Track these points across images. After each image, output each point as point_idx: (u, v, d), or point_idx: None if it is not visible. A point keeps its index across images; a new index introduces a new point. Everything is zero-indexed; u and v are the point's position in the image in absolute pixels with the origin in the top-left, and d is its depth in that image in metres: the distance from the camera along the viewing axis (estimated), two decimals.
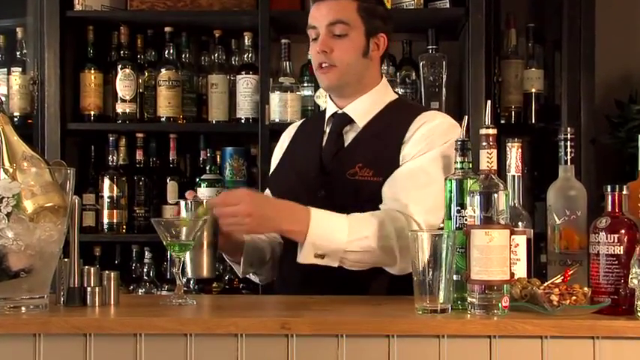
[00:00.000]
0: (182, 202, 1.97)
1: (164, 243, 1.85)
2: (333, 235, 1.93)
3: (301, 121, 2.40)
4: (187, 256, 1.94)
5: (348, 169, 2.09)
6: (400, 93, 3.14)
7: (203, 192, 3.20)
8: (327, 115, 2.23)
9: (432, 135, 2.08)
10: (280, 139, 2.35)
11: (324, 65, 2.13)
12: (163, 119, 3.25)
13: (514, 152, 1.88)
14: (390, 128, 2.13)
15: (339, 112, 2.20)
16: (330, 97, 2.23)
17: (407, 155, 2.08)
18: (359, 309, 1.80)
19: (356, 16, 2.12)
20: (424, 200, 2.00)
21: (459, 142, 1.80)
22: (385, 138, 2.12)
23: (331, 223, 1.95)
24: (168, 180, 3.28)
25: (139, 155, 3.32)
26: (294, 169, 2.21)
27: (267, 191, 2.26)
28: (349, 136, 2.17)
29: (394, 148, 2.10)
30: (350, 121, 2.17)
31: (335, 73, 2.13)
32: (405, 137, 2.10)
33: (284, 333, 1.60)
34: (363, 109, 2.17)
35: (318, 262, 1.95)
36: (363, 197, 2.06)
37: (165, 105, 3.24)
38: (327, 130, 2.21)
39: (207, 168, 3.24)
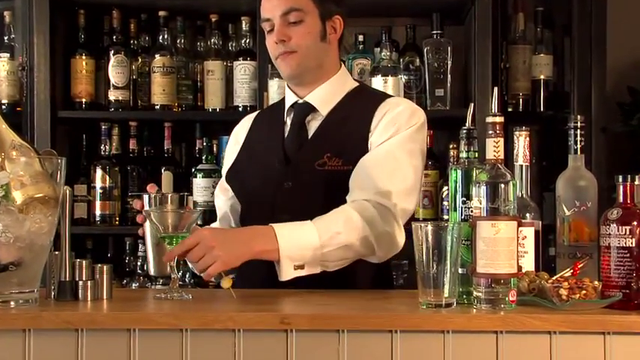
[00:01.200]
0: (145, 196, 1.97)
1: (158, 235, 1.85)
2: (306, 241, 1.93)
3: (254, 114, 2.39)
4: (150, 253, 1.97)
5: (316, 160, 2.11)
6: (404, 80, 3.15)
7: (199, 182, 3.20)
8: (287, 105, 2.24)
9: (398, 122, 2.12)
10: (233, 134, 2.36)
11: (279, 53, 2.15)
12: (157, 107, 3.25)
13: (522, 141, 1.88)
14: (355, 116, 2.16)
15: (300, 101, 2.22)
16: (289, 87, 2.25)
17: (374, 143, 2.11)
18: (360, 303, 1.81)
19: (307, 1, 2.14)
20: (394, 185, 2.03)
21: (464, 131, 1.80)
22: (351, 126, 2.15)
23: (299, 232, 1.94)
24: (162, 170, 3.28)
25: (133, 144, 3.32)
26: (255, 161, 2.22)
27: (224, 184, 2.27)
28: (312, 126, 2.19)
29: (361, 135, 2.12)
30: (312, 109, 2.20)
31: (295, 59, 2.15)
32: (372, 125, 2.14)
33: (283, 328, 1.60)
34: (325, 97, 2.20)
35: (300, 273, 1.95)
36: (333, 187, 2.08)
37: (160, 92, 3.24)
38: (288, 120, 2.23)
39: (204, 158, 3.24)
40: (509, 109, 3.19)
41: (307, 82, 2.20)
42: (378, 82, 3.07)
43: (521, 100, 3.23)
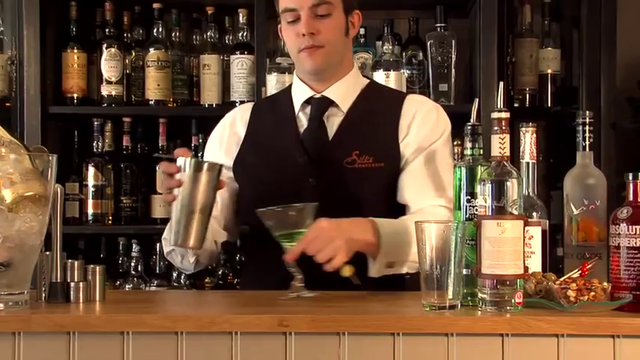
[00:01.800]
0: (181, 160, 1.93)
1: (274, 233, 1.86)
2: (402, 240, 1.99)
3: (248, 105, 2.38)
4: (173, 219, 1.93)
5: (344, 157, 2.14)
6: (406, 74, 3.15)
7: None
8: (299, 99, 2.24)
9: (431, 123, 2.18)
10: (227, 123, 2.32)
11: (307, 46, 2.15)
12: (152, 102, 3.25)
13: (528, 138, 1.88)
14: (378, 113, 2.21)
15: (317, 96, 2.22)
16: (301, 80, 2.25)
17: (411, 144, 2.16)
18: (362, 305, 1.81)
19: None
20: (450, 189, 2.03)
21: (469, 127, 1.80)
22: (376, 124, 2.19)
23: (397, 229, 2.00)
24: (157, 168, 3.28)
25: (126, 141, 3.32)
26: (266, 155, 2.22)
27: (227, 172, 2.24)
28: (332, 122, 2.21)
29: (389, 133, 2.17)
30: (330, 104, 2.21)
31: (322, 54, 2.17)
32: (400, 124, 2.18)
33: (281, 331, 1.60)
34: (345, 92, 2.23)
35: (389, 272, 2.02)
36: (364, 184, 2.11)
37: (154, 87, 3.24)
38: (302, 115, 2.24)
39: (200, 155, 3.24)
40: (516, 105, 3.19)
41: (327, 78, 2.22)
42: (379, 77, 3.07)
43: (527, 95, 3.24)
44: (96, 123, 3.28)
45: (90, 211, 3.24)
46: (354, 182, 2.13)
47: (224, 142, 2.31)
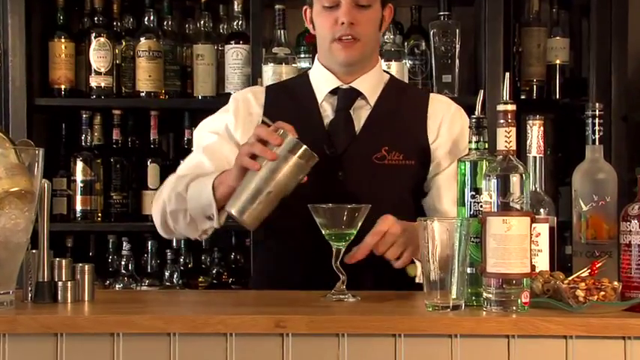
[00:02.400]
0: (280, 133, 1.92)
1: (324, 231, 1.86)
2: None
3: (260, 88, 2.37)
4: (243, 186, 1.94)
5: (373, 152, 2.18)
6: (408, 65, 3.15)
7: None
8: (324, 88, 2.25)
9: (462, 126, 2.21)
10: (240, 100, 2.29)
11: (345, 38, 2.17)
12: (143, 94, 3.25)
13: (535, 131, 1.88)
14: (405, 111, 2.25)
15: (344, 86, 2.24)
16: (326, 68, 2.26)
17: (441, 147, 2.22)
18: (362, 305, 1.81)
19: None
20: None
21: (473, 120, 1.80)
22: (403, 121, 2.23)
23: None
24: (148, 162, 3.28)
25: (116, 135, 3.32)
26: None
27: (225, 134, 2.25)
28: (359, 115, 2.24)
29: (417, 132, 2.22)
30: (358, 96, 2.23)
31: (358, 48, 2.19)
32: (429, 124, 2.23)
33: (279, 332, 1.61)
34: (372, 85, 2.26)
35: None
36: (393, 180, 2.17)
37: (145, 78, 3.24)
38: (327, 105, 2.24)
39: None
40: (522, 97, 3.19)
41: (356, 70, 2.25)
42: None
43: (534, 86, 3.24)
44: (84, 116, 3.28)
45: (78, 207, 3.24)
46: (384, 179, 2.17)
47: (240, 120, 2.26)
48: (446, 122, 2.25)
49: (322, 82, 2.26)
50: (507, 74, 1.84)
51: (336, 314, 1.69)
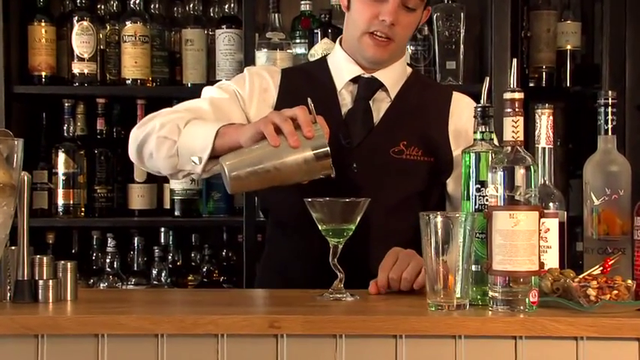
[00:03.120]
0: (321, 140, 1.90)
1: (321, 227, 1.87)
2: None
3: (273, 68, 2.39)
4: (249, 152, 1.92)
5: (391, 146, 2.21)
6: (410, 51, 3.15)
7: None
8: (345, 75, 2.26)
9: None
10: (258, 74, 2.30)
11: (379, 35, 2.19)
12: (129, 82, 3.25)
13: (544, 120, 1.88)
14: (427, 106, 2.28)
15: (366, 75, 2.26)
16: (347, 53, 2.27)
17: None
18: (360, 304, 1.81)
19: None
20: None
21: (478, 109, 1.81)
22: (425, 116, 2.26)
23: None
24: None
25: (100, 124, 3.32)
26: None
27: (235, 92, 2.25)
28: (379, 107, 2.27)
29: (438, 130, 2.25)
30: (379, 87, 2.26)
31: (390, 49, 2.22)
32: (451, 124, 2.26)
33: (273, 333, 1.61)
34: (394, 78, 2.29)
35: None
36: (410, 176, 2.20)
37: (131, 65, 3.24)
38: (346, 94, 2.27)
39: None
40: (531, 84, 3.20)
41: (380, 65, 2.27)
42: None
43: (544, 73, 3.24)
44: (66, 104, 3.28)
45: (60, 201, 3.24)
46: (400, 174, 2.20)
47: (254, 96, 2.26)
48: (471, 124, 2.24)
49: (343, 69, 2.28)
50: (515, 60, 1.84)
51: (334, 314, 1.69)
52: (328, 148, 1.90)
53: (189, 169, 2.10)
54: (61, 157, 3.25)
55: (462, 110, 2.27)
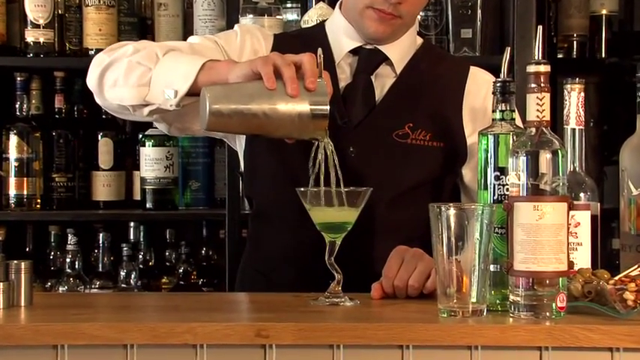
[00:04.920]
0: (317, 81, 1.91)
1: (314, 222, 1.88)
2: None
3: (264, 30, 2.37)
4: (240, 87, 1.92)
5: (395, 129, 2.21)
6: (420, 17, 3.15)
7: (148, 153, 3.22)
8: (345, 46, 2.27)
9: None
10: (247, 35, 2.29)
11: (381, 9, 2.18)
12: (92, 52, 3.24)
13: (575, 97, 1.89)
14: (436, 83, 2.28)
15: (368, 46, 2.27)
16: (350, 24, 2.27)
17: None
18: (362, 310, 1.83)
19: None
20: None
21: (498, 84, 1.81)
22: (434, 94, 2.26)
23: None
24: (99, 137, 3.29)
25: (59, 102, 3.32)
26: None
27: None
28: (381, 84, 2.26)
29: (452, 110, 2.25)
30: (383, 60, 2.26)
31: (395, 25, 2.21)
32: (465, 103, 2.26)
33: (260, 343, 1.62)
34: (401, 51, 2.29)
35: None
36: (415, 162, 2.20)
37: (95, 33, 3.23)
38: (346, 67, 2.27)
39: None
40: (559, 55, 3.21)
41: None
42: None
43: (574, 42, 3.24)
44: (19, 79, 3.27)
45: (12, 192, 3.24)
46: (404, 160, 2.20)
47: (244, 55, 2.24)
48: (489, 103, 2.23)
49: (342, 38, 2.28)
50: (540, 28, 1.85)
51: (330, 321, 1.70)
52: (328, 107, 1.90)
53: (158, 104, 2.07)
54: (13, 140, 3.24)
55: (479, 88, 2.27)
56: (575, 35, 3.25)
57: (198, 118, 2.00)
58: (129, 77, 2.10)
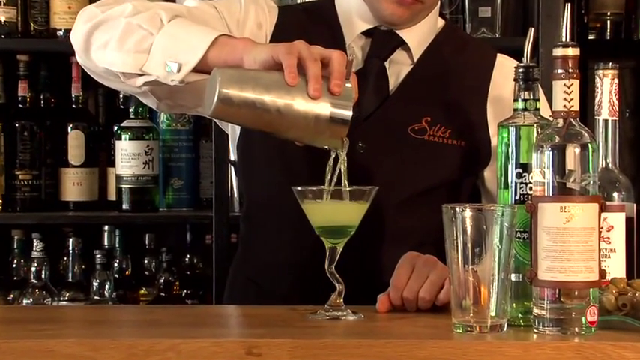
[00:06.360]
0: (347, 102, 1.91)
1: (315, 226, 1.90)
2: None
3: (272, 5, 2.36)
4: (257, 75, 1.92)
5: (410, 123, 2.21)
6: None
7: (124, 147, 3.22)
8: (357, 26, 2.27)
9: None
10: (252, 9, 2.28)
11: None
12: (61, 33, 3.25)
13: (607, 85, 1.89)
14: (460, 72, 2.28)
15: (384, 28, 2.27)
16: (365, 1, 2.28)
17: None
18: (365, 325, 1.83)
19: None
20: None
21: (520, 70, 1.81)
22: (456, 86, 2.27)
23: None
24: (69, 129, 3.30)
25: (23, 90, 3.32)
26: None
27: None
28: (397, 71, 2.27)
29: (476, 103, 2.26)
30: (399, 45, 2.27)
31: (415, 10, 2.23)
32: (490, 96, 2.27)
33: None
34: (420, 36, 2.29)
35: None
36: (433, 164, 2.21)
37: (64, 11, 3.24)
38: (355, 47, 2.27)
39: (131, 110, 3.25)
40: (590, 37, 3.21)
41: None
42: None
43: (608, 22, 3.25)
44: None
45: None
46: (419, 159, 2.21)
47: (247, 28, 2.24)
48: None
49: (354, 17, 2.28)
50: (569, 5, 1.86)
51: (331, 337, 1.70)
52: (351, 114, 1.90)
53: (156, 76, 2.04)
54: None
55: (506, 79, 2.18)
56: (608, 14, 3.25)
57: (196, 97, 2.00)
58: (125, 41, 2.06)
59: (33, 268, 3.21)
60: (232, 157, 2.36)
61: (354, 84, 1.92)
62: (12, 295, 3.23)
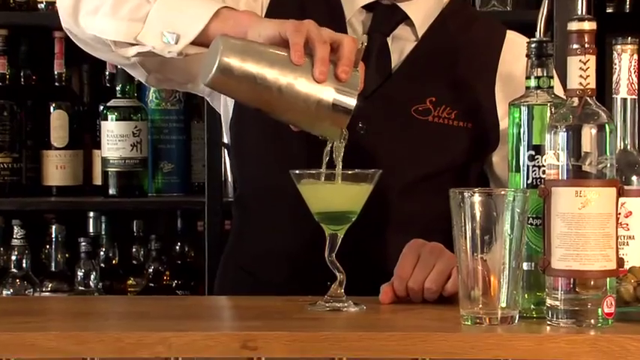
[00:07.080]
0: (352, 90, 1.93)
1: (312, 211, 1.90)
2: None
3: None
4: (260, 50, 1.92)
5: (414, 103, 2.22)
6: None
7: (110, 128, 3.22)
8: (357, 1, 2.27)
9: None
10: None
11: None
12: (42, 6, 3.25)
13: (626, 61, 1.89)
14: (467, 49, 2.28)
15: (385, 1, 2.27)
16: None
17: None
18: (368, 317, 1.84)
19: None
20: None
21: (533, 46, 1.82)
22: (463, 65, 2.27)
23: None
24: (52, 108, 3.30)
25: (2, 67, 3.33)
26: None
27: None
28: (399, 48, 2.27)
29: (483, 84, 2.26)
30: (402, 20, 2.27)
31: None
32: (499, 74, 2.27)
33: (247, 356, 1.62)
34: (426, 10, 2.29)
35: None
36: (440, 147, 2.22)
37: None
38: (355, 23, 2.28)
39: (117, 88, 3.25)
40: (609, 10, 3.21)
41: None
42: None
43: None
44: None
45: None
46: (423, 141, 2.21)
47: (242, 3, 2.23)
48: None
49: None
50: None
51: (331, 330, 1.70)
52: (355, 103, 1.90)
53: (152, 47, 2.03)
54: None
55: (516, 58, 2.21)
56: None
57: (188, 72, 1.99)
58: (119, 7, 2.05)
59: (13, 257, 3.22)
60: (225, 139, 2.36)
61: (362, 72, 1.93)
62: None
